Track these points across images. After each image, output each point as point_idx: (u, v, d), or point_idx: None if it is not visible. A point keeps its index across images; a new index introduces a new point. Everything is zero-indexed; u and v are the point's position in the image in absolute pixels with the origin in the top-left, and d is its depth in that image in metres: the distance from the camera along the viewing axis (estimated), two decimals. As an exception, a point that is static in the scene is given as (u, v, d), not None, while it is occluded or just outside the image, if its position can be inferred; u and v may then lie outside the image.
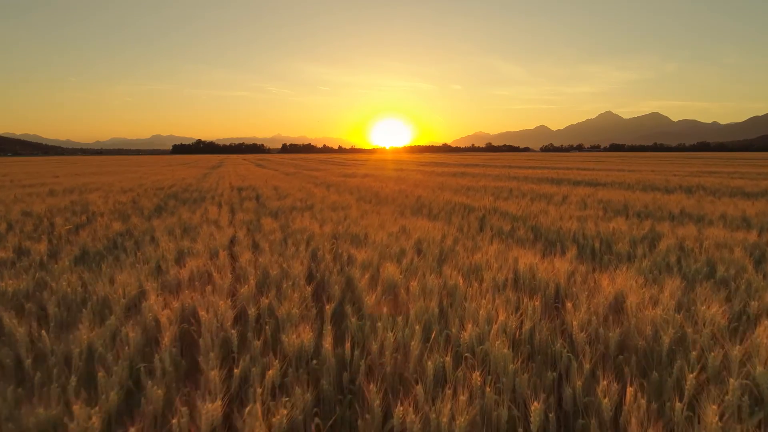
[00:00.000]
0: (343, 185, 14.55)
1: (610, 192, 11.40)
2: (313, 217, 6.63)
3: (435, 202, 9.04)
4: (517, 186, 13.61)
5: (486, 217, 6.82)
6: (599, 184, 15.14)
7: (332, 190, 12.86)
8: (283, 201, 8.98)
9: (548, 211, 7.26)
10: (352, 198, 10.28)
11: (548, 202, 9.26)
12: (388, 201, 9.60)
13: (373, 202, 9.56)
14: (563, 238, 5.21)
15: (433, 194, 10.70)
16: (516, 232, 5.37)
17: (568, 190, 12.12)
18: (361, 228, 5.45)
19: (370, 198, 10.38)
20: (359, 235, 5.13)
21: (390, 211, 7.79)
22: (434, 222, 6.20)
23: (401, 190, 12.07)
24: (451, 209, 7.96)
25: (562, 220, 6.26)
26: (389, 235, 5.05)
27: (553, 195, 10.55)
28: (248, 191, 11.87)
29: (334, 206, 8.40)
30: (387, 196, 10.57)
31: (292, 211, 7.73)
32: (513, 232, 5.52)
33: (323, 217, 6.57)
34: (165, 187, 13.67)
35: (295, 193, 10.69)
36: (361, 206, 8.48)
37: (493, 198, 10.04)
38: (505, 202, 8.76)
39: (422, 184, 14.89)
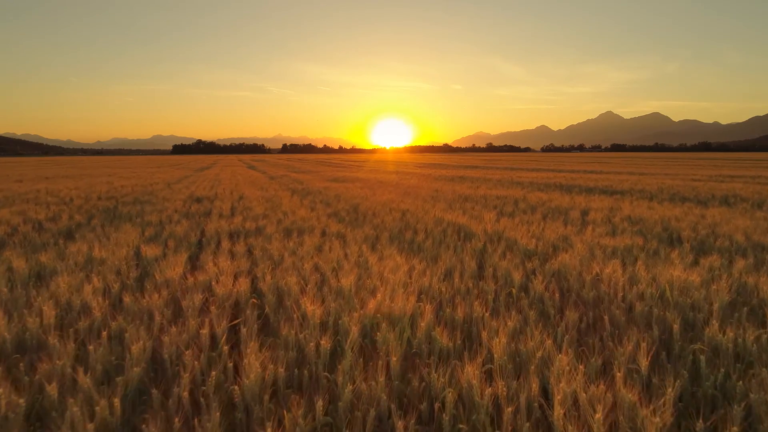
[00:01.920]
0: (324, 193, 12.73)
1: (634, 204, 9.55)
2: (247, 254, 4.82)
3: (423, 220, 7.21)
4: (522, 195, 11.78)
5: (487, 252, 4.98)
6: (616, 191, 13.30)
7: (307, 200, 11.04)
8: (231, 220, 7.16)
9: (570, 240, 5.42)
10: (324, 213, 8.46)
11: (565, 221, 7.42)
12: (366, 218, 7.77)
13: (347, 220, 7.73)
14: (608, 302, 3.37)
15: (424, 208, 8.88)
16: (533, 287, 3.53)
17: (584, 201, 10.29)
18: (299, 278, 3.63)
19: (346, 213, 8.56)
20: (290, 291, 3.31)
21: (362, 236, 5.96)
22: (414, 259, 4.39)
23: (387, 201, 10.25)
24: (442, 234, 6.13)
25: (594, 258, 4.42)
26: (338, 294, 3.24)
27: (568, 209, 8.72)
28: (205, 203, 10.05)
29: (294, 228, 6.58)
30: (368, 209, 8.75)
31: (231, 237, 5.92)
32: (528, 286, 3.68)
33: (261, 254, 4.74)
34: (117, 196, 11.85)
35: (256, 207, 8.86)
36: (330, 227, 6.67)
37: (496, 213, 8.20)
38: (511, 221, 6.93)
39: (414, 191, 13.08)
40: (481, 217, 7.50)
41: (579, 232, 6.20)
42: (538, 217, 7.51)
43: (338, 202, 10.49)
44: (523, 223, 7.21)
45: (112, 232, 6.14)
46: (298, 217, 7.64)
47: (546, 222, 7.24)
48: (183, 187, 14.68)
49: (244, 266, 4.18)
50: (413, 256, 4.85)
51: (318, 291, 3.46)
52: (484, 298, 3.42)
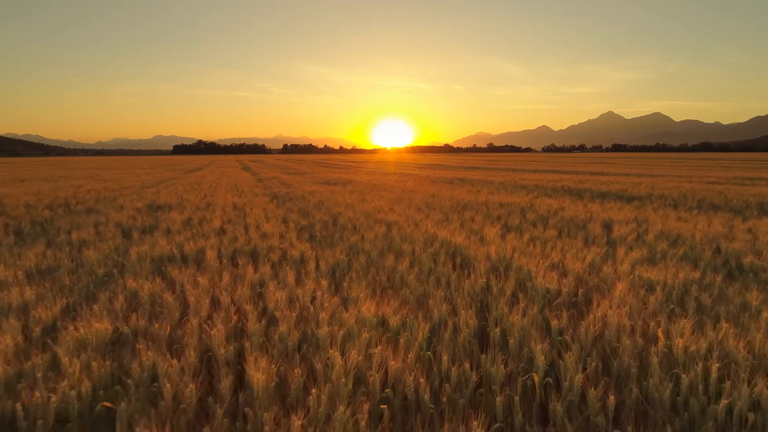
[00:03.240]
0: (307, 200, 11.38)
1: (659, 214, 8.19)
2: (149, 303, 3.46)
3: (412, 238, 5.85)
4: (529, 202, 10.42)
5: (491, 292, 3.62)
6: (633, 197, 11.93)
7: (284, 209, 9.68)
8: (173, 237, 5.78)
9: (602, 272, 4.05)
10: (295, 227, 7.09)
11: (586, 239, 6.04)
12: (344, 234, 6.42)
13: (320, 237, 6.37)
14: (700, 412, 2.01)
15: (415, 220, 7.52)
16: (567, 376, 2.17)
17: (600, 209, 8.92)
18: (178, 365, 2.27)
19: (321, 227, 7.21)
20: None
21: (331, 262, 4.61)
22: (389, 304, 3.05)
23: (375, 210, 8.89)
24: (433, 259, 4.78)
25: (646, 306, 3.06)
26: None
27: (585, 222, 7.36)
28: (162, 213, 8.68)
29: (245, 250, 5.22)
30: (349, 222, 7.40)
31: (155, 267, 4.56)
32: (558, 371, 2.31)
33: (161, 309, 3.38)
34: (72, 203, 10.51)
35: (216, 220, 7.50)
36: (294, 248, 5.30)
37: (501, 228, 6.85)
38: (519, 240, 5.57)
39: (408, 196, 11.72)
40: (483, 234, 6.15)
41: (608, 258, 4.84)
42: (552, 233, 6.15)
43: (318, 211, 9.13)
44: (534, 241, 5.86)
45: (8, 256, 4.80)
46: (260, 233, 6.28)
47: (562, 240, 5.87)
48: (153, 193, 13.33)
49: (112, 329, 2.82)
50: (389, 298, 3.49)
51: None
52: (490, 404, 2.06)
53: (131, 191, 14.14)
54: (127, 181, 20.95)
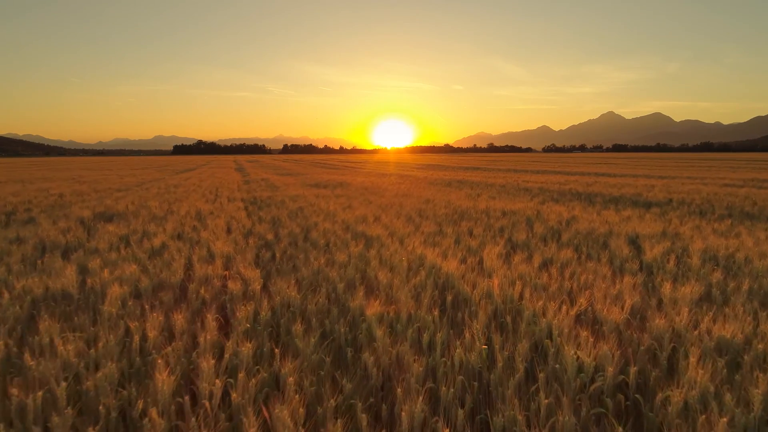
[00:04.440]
0: (286, 206, 10.17)
1: (692, 226, 6.96)
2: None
3: (393, 261, 4.64)
4: (535, 208, 9.21)
5: (492, 371, 2.41)
6: (651, 203, 10.70)
7: (255, 218, 8.47)
8: (50, 278, 4.57)
9: (656, 329, 2.83)
10: (254, 244, 5.87)
11: (612, 263, 4.81)
12: (311, 254, 5.21)
13: (278, 259, 5.16)
14: None
15: (402, 233, 6.30)
16: None
17: (618, 218, 7.72)
18: None
19: (290, 243, 6.00)
20: None
21: (283, 291, 3.40)
22: (333, 398, 1.86)
23: (358, 220, 7.68)
24: (413, 299, 3.56)
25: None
26: None
27: (605, 236, 6.14)
28: (107, 224, 7.45)
29: (154, 285, 4.02)
30: (321, 236, 6.20)
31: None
32: None
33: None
34: (20, 211, 9.30)
35: (160, 236, 6.28)
36: (236, 281, 4.11)
37: (504, 245, 5.64)
38: (528, 266, 4.35)
39: (400, 202, 10.50)
40: (482, 255, 4.93)
41: (651, 294, 3.63)
42: (569, 253, 4.92)
43: (293, 220, 7.92)
44: (547, 265, 4.64)
45: None
46: (206, 254, 5.07)
47: (583, 264, 4.65)
48: (118, 198, 12.10)
49: None
50: (340, 376, 2.29)
51: None
52: None
53: (97, 196, 12.93)
54: (107, 183, 19.74)
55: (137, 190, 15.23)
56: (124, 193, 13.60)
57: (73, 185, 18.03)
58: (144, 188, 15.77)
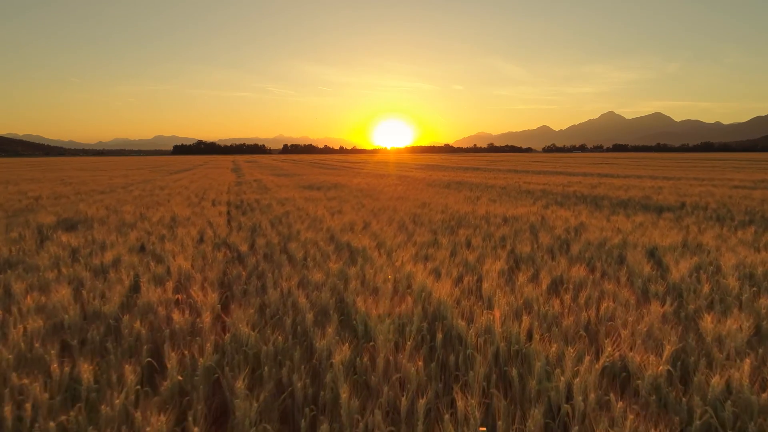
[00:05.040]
0: (272, 211, 9.50)
1: (713, 235, 6.27)
2: None
3: (374, 282, 3.97)
4: (539, 214, 8.54)
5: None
6: (662, 207, 10.02)
7: (228, 228, 7.80)
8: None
9: (710, 391, 2.16)
10: (222, 260, 5.20)
11: (633, 282, 4.13)
12: (283, 270, 4.54)
13: (246, 276, 4.49)
14: None
15: (391, 245, 5.63)
16: None
17: (632, 227, 7.05)
18: None
19: (264, 256, 5.33)
20: None
21: (241, 321, 2.73)
22: None
23: (343, 228, 7.01)
24: (397, 336, 2.89)
25: None
26: None
27: (621, 248, 5.46)
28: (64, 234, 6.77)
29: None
30: (300, 247, 5.52)
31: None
32: None
33: None
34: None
35: (118, 248, 5.59)
36: (184, 312, 3.45)
37: (507, 259, 4.98)
38: (535, 288, 3.67)
39: (394, 206, 9.83)
40: (481, 271, 4.26)
41: (687, 328, 2.96)
42: (581, 271, 4.24)
43: (274, 228, 7.24)
44: (557, 287, 3.98)
45: None
46: (160, 271, 4.39)
47: (598, 284, 3.98)
48: (95, 201, 11.42)
49: None
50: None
51: None
52: None
53: (76, 198, 12.24)
54: (94, 184, 19.06)
55: (120, 192, 14.55)
56: (104, 196, 12.93)
57: (57, 187, 17.35)
58: (128, 190, 15.09)
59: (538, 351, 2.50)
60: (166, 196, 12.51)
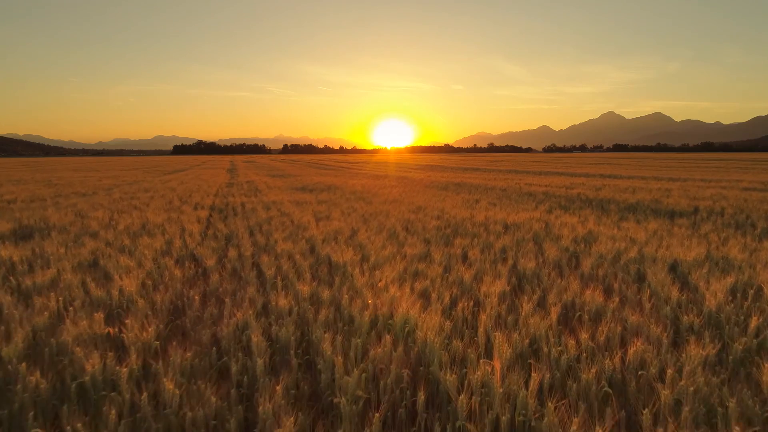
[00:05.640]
0: (257, 215, 8.85)
1: (739, 246, 5.61)
2: None
3: (350, 314, 3.32)
4: (543, 219, 7.88)
5: None
6: (674, 212, 9.36)
7: (202, 237, 7.14)
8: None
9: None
10: (180, 279, 4.55)
11: (659, 312, 3.48)
12: (248, 291, 3.88)
13: (198, 302, 3.84)
14: None
15: (378, 259, 4.97)
16: None
17: (646, 235, 6.40)
18: None
19: (236, 268, 4.67)
20: None
21: (175, 366, 2.08)
22: None
23: (327, 237, 6.35)
24: (366, 391, 2.23)
25: None
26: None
27: (639, 263, 4.81)
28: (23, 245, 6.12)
29: None
30: (273, 263, 4.87)
31: None
32: None
33: None
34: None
35: (63, 262, 4.94)
36: (105, 357, 2.81)
37: (507, 276, 4.32)
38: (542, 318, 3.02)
39: (387, 211, 9.17)
40: (479, 294, 3.61)
41: (744, 380, 2.30)
42: (597, 295, 3.58)
43: (252, 236, 6.59)
44: (568, 316, 3.32)
45: None
46: (96, 296, 3.73)
47: (621, 314, 3.32)
48: (72, 204, 10.76)
49: None
50: None
51: None
52: None
53: (52, 202, 11.57)
54: (81, 185, 18.39)
55: (101, 194, 13.89)
56: (82, 199, 12.26)
57: (39, 189, 16.70)
58: (111, 192, 14.43)
59: (553, 425, 1.84)
60: (147, 199, 11.86)
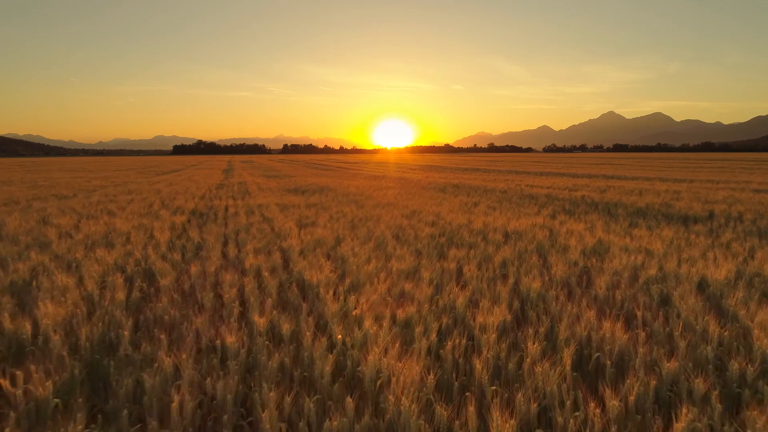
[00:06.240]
0: (237, 221, 8.17)
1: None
2: None
3: (310, 353, 2.65)
4: (546, 226, 7.21)
5: None
6: (689, 217, 8.68)
7: (167, 248, 6.46)
8: None
9: None
10: (116, 307, 3.88)
11: (695, 354, 2.81)
12: (202, 319, 3.21)
13: (141, 328, 3.17)
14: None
15: (360, 277, 4.31)
16: None
17: (664, 250, 5.73)
18: None
19: (188, 290, 4.00)
20: None
21: None
22: None
23: (306, 248, 5.68)
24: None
25: None
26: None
27: (661, 282, 4.13)
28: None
29: None
30: (236, 282, 4.21)
31: None
32: None
33: None
34: None
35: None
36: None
37: (507, 298, 3.65)
38: (550, 365, 2.35)
39: (378, 215, 8.50)
40: (473, 330, 2.94)
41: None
42: (618, 328, 2.91)
43: (225, 246, 5.92)
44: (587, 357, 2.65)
45: None
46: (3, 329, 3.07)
47: (650, 357, 2.65)
48: (42, 209, 10.09)
49: None
50: None
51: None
52: None
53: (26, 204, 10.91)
54: (67, 187, 17.72)
55: (81, 197, 13.21)
56: (58, 202, 11.59)
57: (19, 190, 16.04)
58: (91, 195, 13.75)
59: None
60: (126, 202, 11.19)
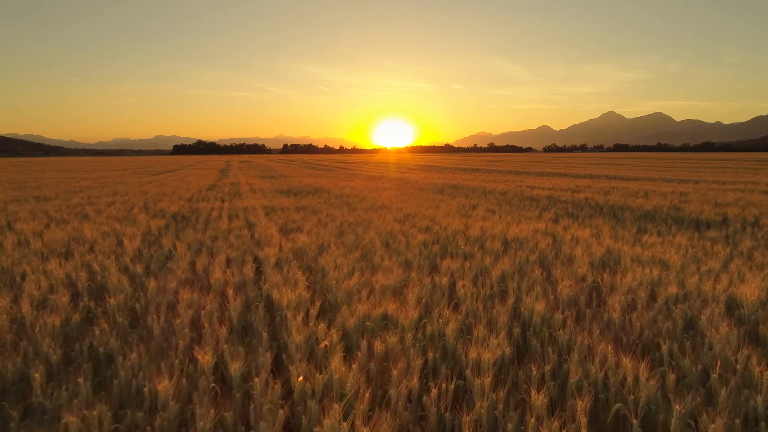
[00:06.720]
0: (216, 227, 7.64)
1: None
2: None
3: (260, 408, 2.12)
4: (549, 233, 6.68)
5: None
6: (702, 222, 8.14)
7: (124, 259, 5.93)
8: None
9: None
10: (39, 342, 3.35)
11: (739, 409, 2.29)
12: (138, 352, 2.68)
13: (50, 375, 2.64)
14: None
15: (336, 296, 3.77)
16: None
17: (681, 262, 5.19)
18: None
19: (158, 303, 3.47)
20: None
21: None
22: None
23: (283, 259, 5.15)
24: None
25: None
26: None
27: (681, 304, 3.60)
28: None
29: None
30: (190, 305, 3.69)
31: None
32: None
33: None
34: None
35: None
36: None
37: (508, 322, 3.11)
38: (560, 424, 1.81)
39: (369, 220, 7.97)
40: (464, 369, 2.40)
41: None
42: (642, 368, 2.38)
43: (195, 256, 5.38)
44: (604, 407, 2.11)
45: None
46: None
47: (679, 407, 2.12)
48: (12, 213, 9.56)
49: None
50: None
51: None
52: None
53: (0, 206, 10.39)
54: (50, 188, 17.18)
55: (62, 198, 12.68)
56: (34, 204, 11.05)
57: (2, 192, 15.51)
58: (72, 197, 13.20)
59: None
60: (106, 205, 10.65)
